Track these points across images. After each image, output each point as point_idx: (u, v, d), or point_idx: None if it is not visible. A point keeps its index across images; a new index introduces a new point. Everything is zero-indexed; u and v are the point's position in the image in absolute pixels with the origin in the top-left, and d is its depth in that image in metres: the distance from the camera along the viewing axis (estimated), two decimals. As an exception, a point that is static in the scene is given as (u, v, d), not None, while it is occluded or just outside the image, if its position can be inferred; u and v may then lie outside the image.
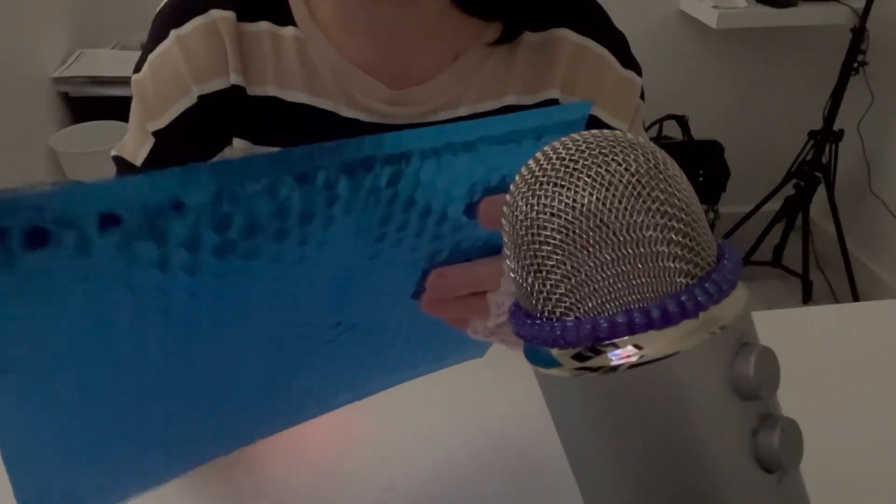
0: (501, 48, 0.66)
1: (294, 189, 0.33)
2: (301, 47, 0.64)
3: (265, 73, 0.64)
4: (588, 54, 0.67)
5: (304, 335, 0.40)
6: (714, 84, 2.31)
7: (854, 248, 2.22)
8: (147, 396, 0.36)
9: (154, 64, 0.64)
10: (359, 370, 0.47)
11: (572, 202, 0.25)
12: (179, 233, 0.30)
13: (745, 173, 2.32)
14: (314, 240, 0.35)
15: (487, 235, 0.42)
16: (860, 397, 0.63)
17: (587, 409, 0.27)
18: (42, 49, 2.03)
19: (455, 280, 0.42)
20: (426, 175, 0.37)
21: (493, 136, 0.38)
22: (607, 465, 0.27)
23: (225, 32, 0.63)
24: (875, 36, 2.00)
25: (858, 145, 2.18)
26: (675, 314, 0.24)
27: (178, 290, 0.32)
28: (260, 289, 0.35)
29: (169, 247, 0.30)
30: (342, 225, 0.35)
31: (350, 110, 0.65)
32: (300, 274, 0.36)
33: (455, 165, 0.37)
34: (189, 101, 0.63)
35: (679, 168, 0.27)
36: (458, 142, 0.37)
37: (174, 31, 0.63)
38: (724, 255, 0.27)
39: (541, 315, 0.27)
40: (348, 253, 0.37)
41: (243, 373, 0.40)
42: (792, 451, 0.26)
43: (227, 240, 0.32)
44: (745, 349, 0.25)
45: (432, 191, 0.38)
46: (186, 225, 0.30)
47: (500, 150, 0.38)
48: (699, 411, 0.25)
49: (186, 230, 0.30)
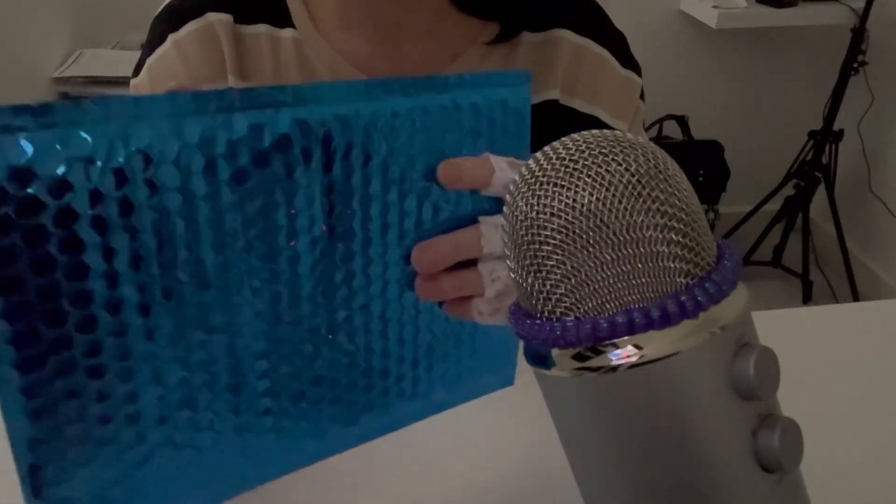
0: (500, 49, 0.67)
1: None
2: (299, 49, 0.64)
3: (264, 74, 0.64)
4: (587, 54, 0.67)
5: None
6: (714, 84, 2.31)
7: (854, 248, 2.22)
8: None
9: (152, 68, 0.64)
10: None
11: (572, 202, 0.25)
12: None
13: (745, 173, 2.32)
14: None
15: (459, 213, 0.43)
16: (860, 397, 0.63)
17: (587, 409, 0.27)
18: (42, 49, 2.03)
19: (438, 249, 0.43)
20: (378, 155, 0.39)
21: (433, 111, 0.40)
22: (607, 464, 0.27)
23: (222, 35, 0.63)
24: (875, 36, 2.00)
25: (858, 145, 2.18)
26: (675, 314, 0.24)
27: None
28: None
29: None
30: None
31: None
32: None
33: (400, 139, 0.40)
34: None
35: (679, 168, 0.27)
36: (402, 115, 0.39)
37: (171, 36, 0.63)
38: (724, 255, 0.26)
39: (541, 315, 0.27)
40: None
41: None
42: (792, 451, 0.26)
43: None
44: (745, 349, 0.25)
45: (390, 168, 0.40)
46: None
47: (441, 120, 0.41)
48: (699, 411, 0.25)
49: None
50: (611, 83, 0.68)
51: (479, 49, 0.66)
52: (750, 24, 2.09)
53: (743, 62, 2.28)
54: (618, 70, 0.68)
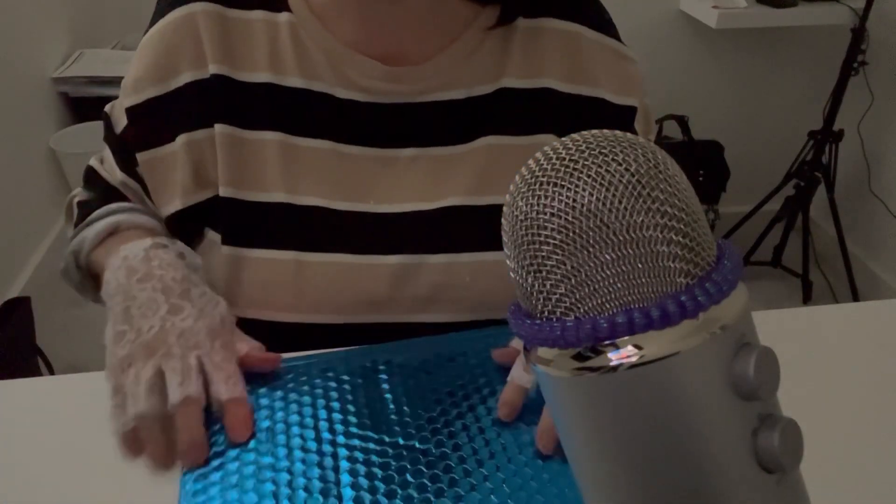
0: (496, 34, 0.68)
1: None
2: (294, 32, 0.66)
3: (258, 60, 0.66)
4: (583, 40, 0.69)
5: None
6: (714, 84, 2.31)
7: (854, 248, 2.22)
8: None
9: (141, 46, 0.67)
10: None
11: (572, 202, 0.25)
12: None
13: (745, 173, 2.32)
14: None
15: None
16: (860, 397, 0.63)
17: (587, 410, 0.27)
18: (42, 49, 2.03)
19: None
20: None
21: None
22: (607, 464, 0.27)
23: (203, 25, 0.64)
24: (875, 36, 2.00)
25: (858, 145, 2.18)
26: (675, 314, 0.24)
27: None
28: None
29: None
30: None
31: (346, 91, 0.66)
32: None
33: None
34: (163, 89, 0.66)
35: (679, 168, 0.27)
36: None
37: (160, 21, 0.66)
38: (724, 255, 0.26)
39: (541, 315, 0.27)
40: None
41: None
42: (792, 451, 0.26)
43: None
44: (745, 349, 0.25)
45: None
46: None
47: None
48: (699, 411, 0.25)
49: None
50: (612, 64, 0.70)
51: (476, 34, 0.67)
52: (750, 24, 2.09)
53: (743, 62, 2.28)
54: (618, 50, 0.71)
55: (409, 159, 0.67)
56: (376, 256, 0.66)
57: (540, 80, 0.68)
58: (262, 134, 0.65)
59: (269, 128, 0.65)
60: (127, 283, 0.56)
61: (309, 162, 0.66)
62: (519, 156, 0.68)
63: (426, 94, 0.67)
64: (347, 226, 0.66)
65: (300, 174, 0.66)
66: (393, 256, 0.66)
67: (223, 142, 0.65)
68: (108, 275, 0.59)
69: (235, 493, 0.49)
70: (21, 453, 0.57)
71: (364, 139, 0.67)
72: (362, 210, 0.66)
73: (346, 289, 0.65)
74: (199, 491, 0.50)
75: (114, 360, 0.52)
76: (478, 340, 0.62)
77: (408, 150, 0.67)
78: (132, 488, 0.52)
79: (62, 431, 0.58)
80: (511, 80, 0.68)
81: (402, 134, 0.67)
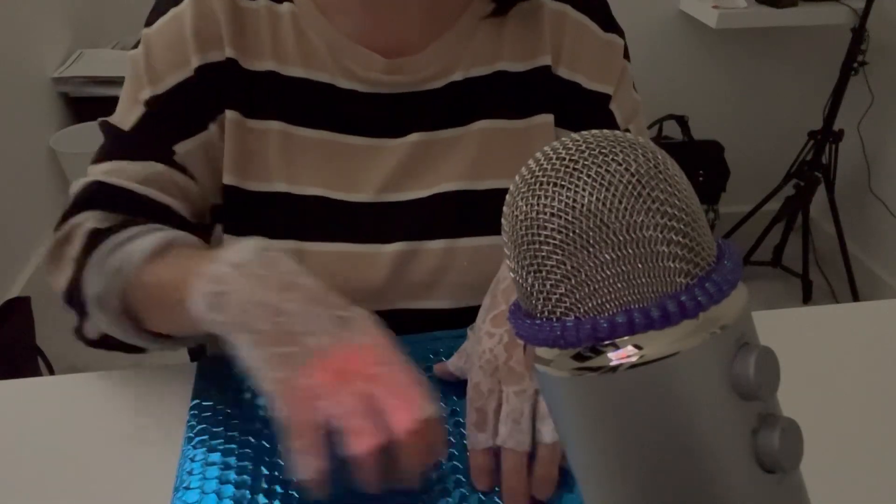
0: (491, 20, 0.69)
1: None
2: (296, 23, 0.66)
3: (263, 48, 0.66)
4: (567, 21, 0.69)
5: None
6: (714, 84, 2.31)
7: (854, 248, 2.22)
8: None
9: (151, 39, 0.66)
10: None
11: (572, 202, 0.25)
12: None
13: (745, 173, 2.32)
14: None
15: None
16: (860, 397, 0.63)
17: (587, 410, 0.27)
18: (42, 49, 2.03)
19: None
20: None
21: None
22: (607, 464, 0.27)
23: (219, 8, 0.64)
24: (875, 36, 2.00)
25: (858, 145, 2.18)
26: (675, 314, 0.24)
27: None
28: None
29: None
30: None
31: (347, 82, 0.67)
32: None
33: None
34: (187, 73, 0.65)
35: (679, 168, 0.27)
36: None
37: (173, 10, 0.65)
38: (725, 255, 0.26)
39: (541, 315, 0.27)
40: None
41: None
42: (792, 451, 0.26)
43: None
44: (745, 349, 0.25)
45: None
46: None
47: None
48: (699, 411, 0.25)
49: None
50: (592, 47, 0.70)
51: (469, 21, 0.68)
52: (750, 24, 2.09)
53: (743, 62, 2.28)
54: (598, 35, 0.70)
55: (406, 147, 0.68)
56: (376, 245, 0.67)
57: (535, 60, 0.69)
58: (265, 123, 0.66)
59: (272, 117, 0.66)
60: (264, 295, 0.47)
61: (309, 152, 0.66)
62: (514, 140, 0.69)
63: (426, 82, 0.68)
64: (347, 215, 0.67)
65: (300, 164, 0.66)
66: (392, 244, 0.67)
67: (230, 128, 0.65)
68: (211, 287, 0.49)
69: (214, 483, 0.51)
70: (21, 453, 0.57)
71: (363, 129, 0.68)
72: (361, 199, 0.67)
73: (346, 277, 0.66)
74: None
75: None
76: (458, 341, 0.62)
77: (406, 139, 0.68)
78: (131, 488, 0.52)
79: (62, 431, 0.58)
80: (507, 62, 0.69)
81: (400, 123, 0.68)
